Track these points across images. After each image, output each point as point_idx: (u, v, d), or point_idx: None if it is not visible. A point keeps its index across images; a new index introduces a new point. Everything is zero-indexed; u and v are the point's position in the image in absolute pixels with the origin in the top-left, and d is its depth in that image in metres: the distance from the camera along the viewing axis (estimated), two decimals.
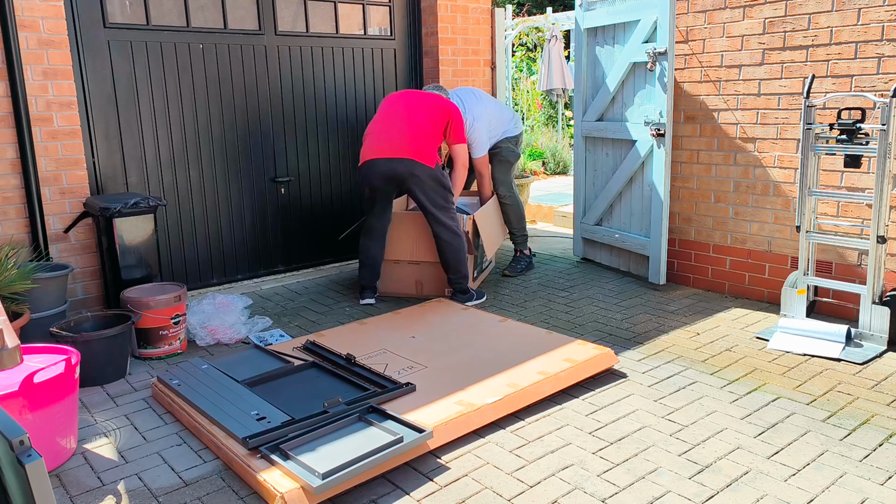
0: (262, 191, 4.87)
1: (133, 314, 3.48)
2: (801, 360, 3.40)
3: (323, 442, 2.51)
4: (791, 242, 4.14)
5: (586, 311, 4.23)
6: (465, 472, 2.49)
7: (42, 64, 3.80)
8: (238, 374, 3.14)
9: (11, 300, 3.31)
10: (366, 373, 3.12)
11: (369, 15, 5.24)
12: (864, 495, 2.29)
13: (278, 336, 3.87)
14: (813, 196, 3.70)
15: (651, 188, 4.60)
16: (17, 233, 3.83)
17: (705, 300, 4.38)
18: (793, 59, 3.98)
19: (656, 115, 4.48)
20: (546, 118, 12.07)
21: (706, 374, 3.26)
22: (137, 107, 4.29)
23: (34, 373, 2.46)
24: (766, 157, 4.18)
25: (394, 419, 2.65)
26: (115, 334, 3.30)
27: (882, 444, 2.61)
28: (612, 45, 4.87)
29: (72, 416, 2.66)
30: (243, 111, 4.71)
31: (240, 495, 2.37)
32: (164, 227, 4.48)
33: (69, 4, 3.94)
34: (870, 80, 3.68)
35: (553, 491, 2.35)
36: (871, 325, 3.53)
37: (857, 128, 3.45)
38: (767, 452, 2.57)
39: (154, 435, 2.82)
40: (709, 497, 2.30)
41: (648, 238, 4.70)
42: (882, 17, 3.60)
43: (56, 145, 3.91)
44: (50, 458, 2.54)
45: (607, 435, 2.72)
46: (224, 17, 4.54)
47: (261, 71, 4.74)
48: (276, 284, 4.98)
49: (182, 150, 4.50)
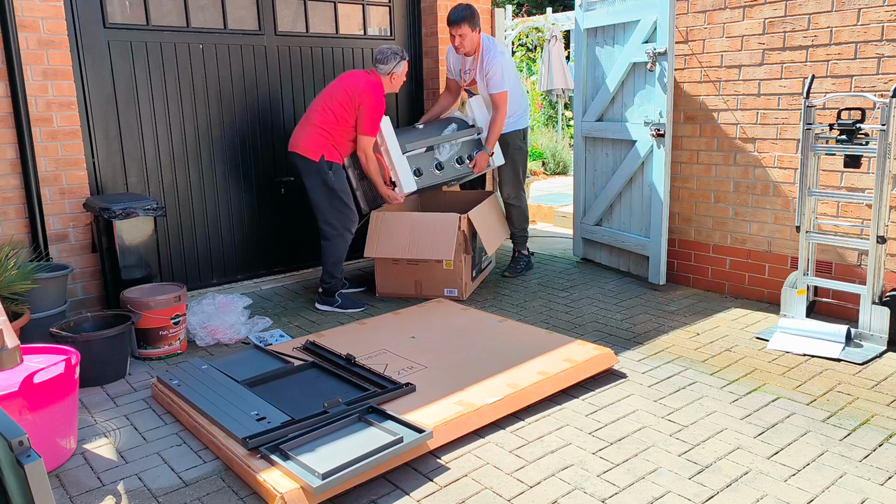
0: (262, 191, 4.87)
1: (133, 314, 3.48)
2: (801, 361, 3.40)
3: (323, 442, 2.51)
4: (791, 242, 4.14)
5: (586, 311, 4.23)
6: (465, 472, 2.49)
7: (42, 64, 3.80)
8: (238, 374, 3.14)
9: (11, 300, 3.31)
10: (366, 373, 3.13)
11: (369, 15, 5.25)
12: (863, 495, 2.29)
13: (278, 336, 3.87)
14: (813, 196, 3.70)
15: (651, 188, 4.60)
16: (17, 233, 3.83)
17: (705, 300, 4.38)
18: (793, 59, 3.98)
19: (656, 116, 4.48)
20: (546, 118, 12.08)
21: (706, 375, 3.26)
22: (137, 107, 4.29)
23: (34, 373, 2.46)
24: (766, 157, 4.18)
25: (394, 419, 2.65)
26: (114, 334, 3.30)
27: (882, 444, 2.61)
28: (611, 45, 4.87)
29: (71, 417, 2.66)
30: (243, 111, 4.71)
31: (240, 496, 2.37)
32: (164, 227, 4.48)
33: (69, 5, 3.94)
34: (869, 80, 3.68)
35: (553, 491, 2.35)
36: (871, 325, 3.53)
37: (856, 128, 3.45)
38: (767, 452, 2.57)
39: (154, 435, 2.82)
40: (709, 497, 2.30)
41: (648, 238, 4.70)
42: (882, 18, 3.60)
43: (56, 145, 3.91)
44: (50, 458, 2.54)
45: (607, 435, 2.72)
46: (224, 18, 4.54)
47: (261, 71, 4.74)
48: (276, 285, 4.98)
49: (182, 150, 4.50)
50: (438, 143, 4.65)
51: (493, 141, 4.72)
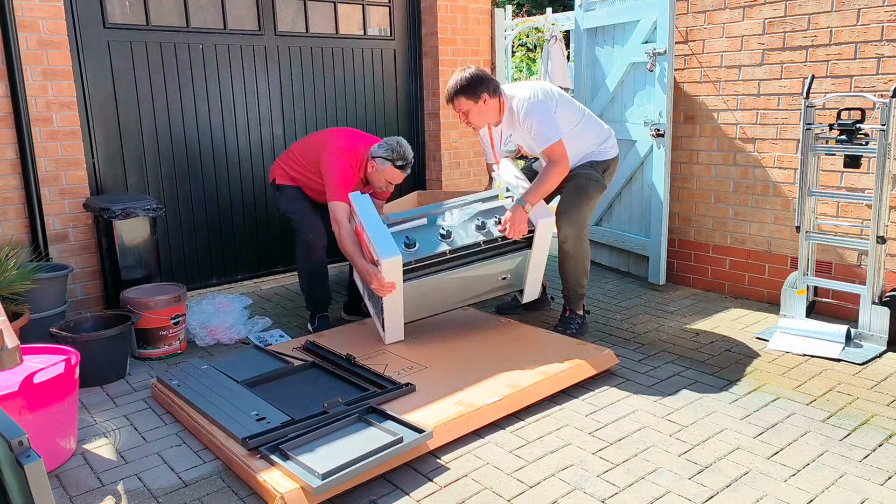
0: (262, 191, 4.87)
1: (133, 314, 3.48)
2: (801, 361, 3.40)
3: (323, 442, 2.51)
4: (791, 243, 4.14)
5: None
6: (465, 472, 2.49)
7: (42, 64, 3.80)
8: (238, 374, 3.13)
9: (11, 301, 3.30)
10: (366, 373, 3.12)
11: (369, 15, 5.24)
12: (863, 495, 2.29)
13: (278, 336, 3.87)
14: (812, 196, 3.70)
15: (651, 188, 4.60)
16: (17, 233, 3.83)
17: (705, 300, 4.38)
18: (792, 59, 3.98)
19: (656, 116, 4.48)
20: None
21: (706, 375, 3.26)
22: (137, 107, 4.29)
23: (34, 373, 2.46)
24: (766, 157, 4.18)
25: (394, 419, 2.65)
26: (114, 335, 3.30)
27: (882, 444, 2.61)
28: (611, 45, 4.87)
29: (71, 417, 2.66)
30: (243, 111, 4.71)
31: (239, 496, 2.37)
32: (165, 227, 4.48)
33: (69, 5, 3.94)
34: (869, 80, 3.68)
35: (553, 491, 2.35)
36: (871, 325, 3.53)
37: (856, 128, 3.45)
38: (767, 453, 2.57)
39: (154, 435, 2.82)
40: (709, 497, 2.30)
41: (648, 238, 4.70)
42: (882, 18, 3.61)
43: (56, 145, 3.91)
44: (49, 458, 2.54)
45: (607, 435, 2.72)
46: (224, 18, 4.54)
47: (260, 71, 4.74)
48: (276, 284, 4.98)
49: (182, 150, 4.50)
50: (442, 212, 3.58)
51: (537, 195, 3.46)
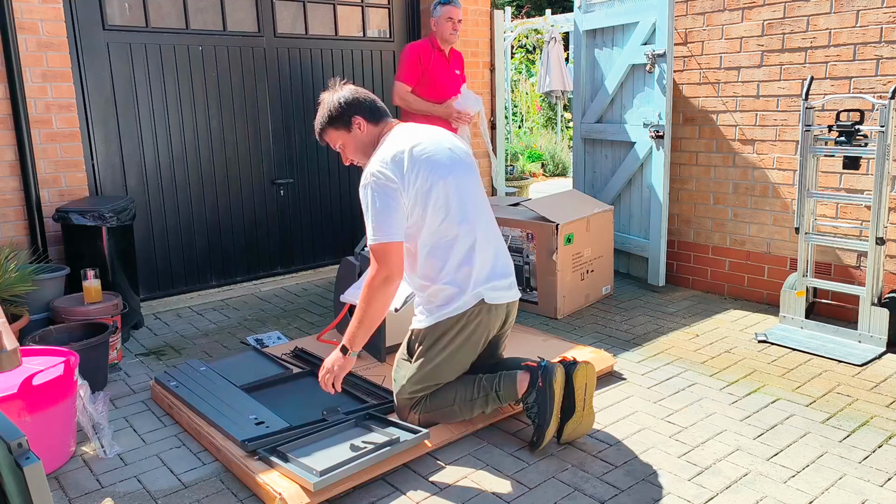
0: (261, 193, 4.87)
1: (109, 324, 3.28)
2: (801, 362, 3.40)
3: (321, 445, 2.51)
4: (790, 244, 4.14)
5: (585, 312, 4.23)
6: (465, 474, 2.48)
7: (41, 66, 3.81)
8: (236, 378, 3.11)
9: (11, 302, 3.30)
10: (363, 383, 3.07)
11: (368, 17, 5.25)
12: (863, 497, 2.29)
13: (276, 338, 3.86)
14: (812, 198, 3.70)
15: (650, 190, 4.60)
16: (17, 235, 3.83)
17: (704, 302, 4.38)
18: (791, 60, 3.98)
19: (655, 117, 4.49)
20: (545, 120, 12.09)
21: (705, 376, 3.26)
22: (137, 109, 4.29)
23: (33, 375, 2.46)
24: (765, 158, 4.19)
25: (391, 423, 2.65)
26: (96, 343, 3.12)
27: (881, 445, 2.61)
28: (610, 47, 4.87)
29: (71, 419, 2.66)
30: (243, 113, 4.72)
31: (239, 497, 2.37)
32: (164, 228, 4.48)
33: (68, 7, 3.94)
34: (868, 81, 3.69)
35: (553, 493, 2.35)
36: (871, 326, 3.53)
37: (855, 129, 3.45)
38: (767, 454, 2.57)
39: (153, 437, 2.81)
40: (708, 499, 2.30)
41: (647, 240, 4.70)
42: (880, 19, 3.61)
43: (55, 147, 3.91)
44: (49, 460, 2.53)
45: (606, 437, 2.72)
46: (223, 20, 4.55)
47: (260, 73, 4.74)
48: (275, 286, 4.98)
49: (181, 152, 4.50)
50: None
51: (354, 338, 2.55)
